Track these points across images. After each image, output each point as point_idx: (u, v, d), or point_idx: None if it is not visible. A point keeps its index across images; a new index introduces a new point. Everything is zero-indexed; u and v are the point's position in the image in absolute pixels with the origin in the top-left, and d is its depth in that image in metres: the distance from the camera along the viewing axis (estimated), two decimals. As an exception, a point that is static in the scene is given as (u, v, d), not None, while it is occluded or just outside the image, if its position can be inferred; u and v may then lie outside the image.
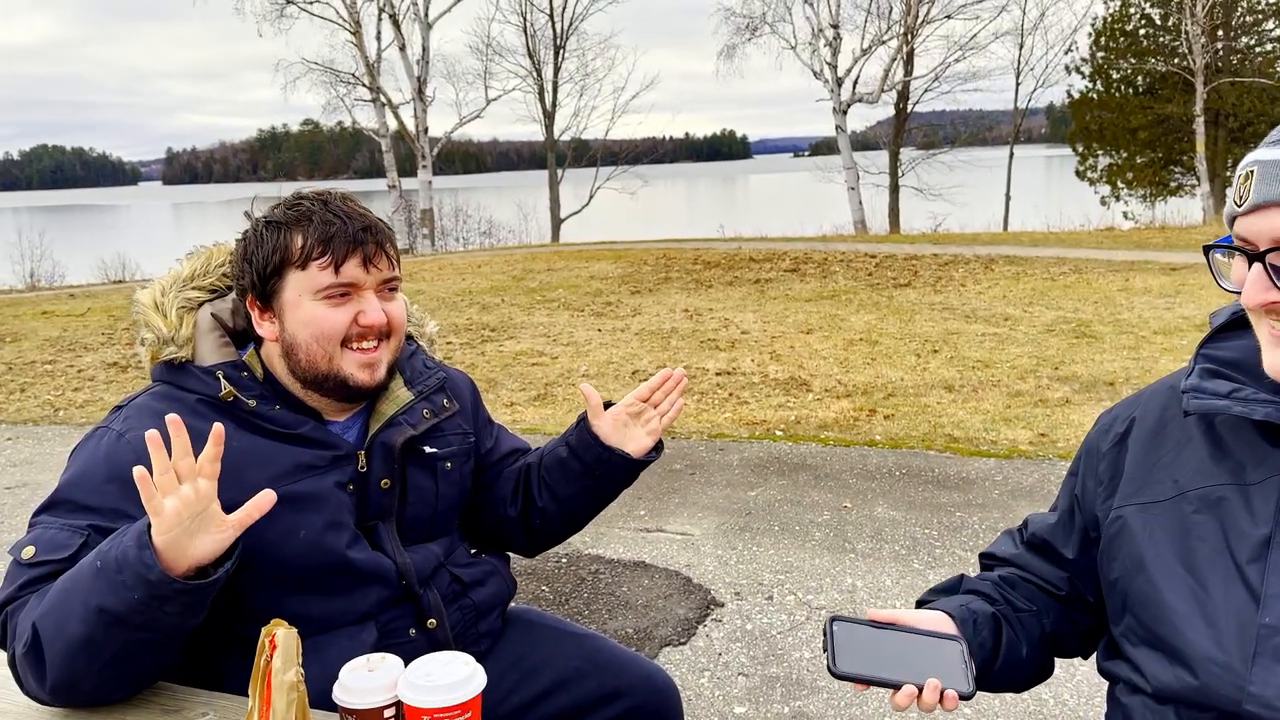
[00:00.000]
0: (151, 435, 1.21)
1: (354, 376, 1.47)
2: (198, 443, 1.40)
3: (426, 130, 24.27)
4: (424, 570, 1.55)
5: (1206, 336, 1.26)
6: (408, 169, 25.39)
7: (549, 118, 29.11)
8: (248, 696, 1.36)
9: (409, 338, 1.68)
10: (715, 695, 2.97)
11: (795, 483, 4.80)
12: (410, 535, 1.56)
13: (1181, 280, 10.59)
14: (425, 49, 23.75)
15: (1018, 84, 29.56)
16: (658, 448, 1.69)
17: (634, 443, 1.66)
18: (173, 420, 1.23)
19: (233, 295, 1.59)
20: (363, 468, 1.51)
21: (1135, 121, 27.61)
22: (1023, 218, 24.38)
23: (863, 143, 29.94)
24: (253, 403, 1.46)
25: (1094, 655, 1.39)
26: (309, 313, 1.45)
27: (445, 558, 1.60)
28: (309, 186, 1.56)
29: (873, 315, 9.49)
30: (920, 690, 1.17)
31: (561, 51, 28.88)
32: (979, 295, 10.44)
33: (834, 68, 23.70)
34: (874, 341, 8.22)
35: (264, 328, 1.50)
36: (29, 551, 1.35)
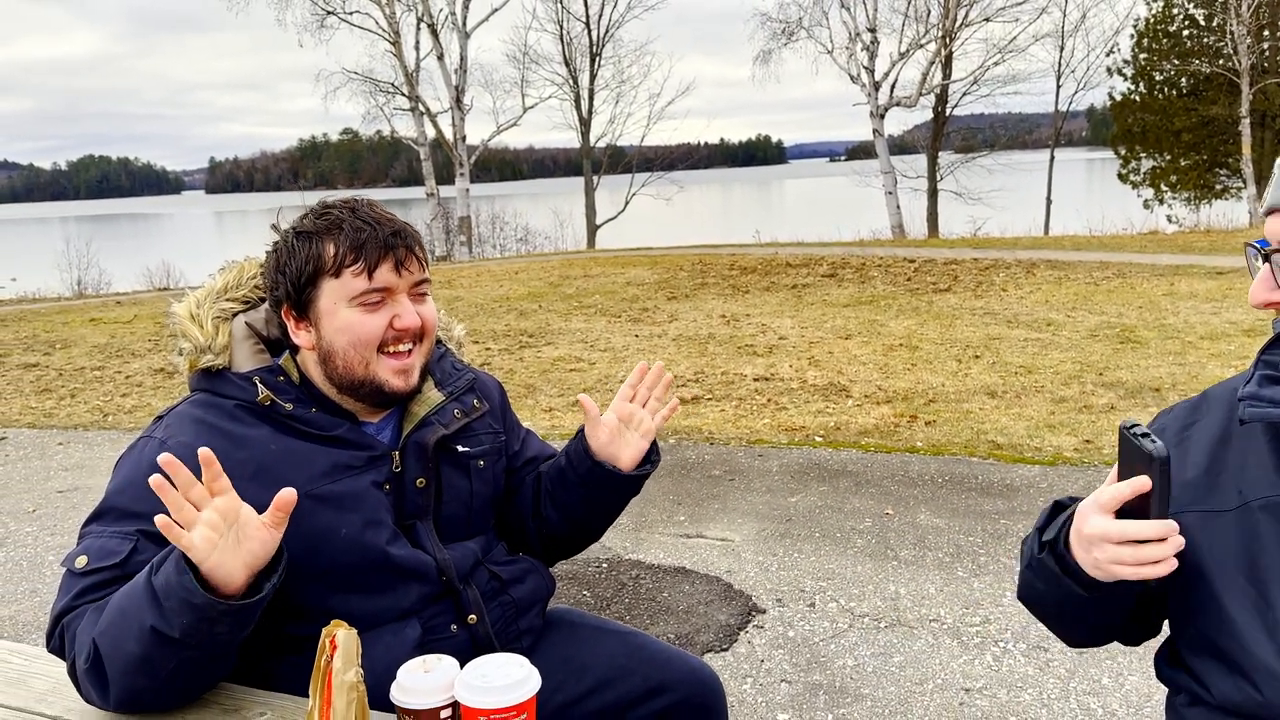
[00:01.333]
0: (165, 465, 1.22)
1: (389, 383, 1.50)
2: (239, 446, 1.44)
3: (464, 138, 24.49)
4: (463, 567, 1.57)
5: (1268, 342, 1.24)
6: (444, 177, 25.64)
7: (585, 125, 29.25)
8: (300, 695, 1.40)
9: (437, 341, 1.71)
10: (758, 702, 2.96)
11: (836, 489, 4.78)
12: (448, 533, 1.58)
13: (1229, 284, 10.39)
14: (463, 58, 23.98)
15: (1058, 86, 29.21)
16: (652, 458, 1.68)
17: (629, 450, 1.65)
18: (204, 455, 1.24)
19: (265, 306, 1.62)
20: (397, 467, 1.53)
21: (1179, 124, 27.18)
22: (1064, 222, 24.09)
23: (900, 146, 29.76)
24: (289, 406, 1.49)
25: (1149, 665, 1.37)
26: (345, 320, 1.48)
27: (483, 555, 1.62)
28: (334, 195, 1.60)
29: (912, 320, 9.41)
30: None
31: (597, 59, 29.04)
32: (1020, 300, 10.32)
33: (871, 71, 23.60)
34: (914, 347, 8.15)
35: (300, 336, 1.52)
36: (81, 561, 1.38)
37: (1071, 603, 1.23)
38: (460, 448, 1.61)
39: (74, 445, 6.33)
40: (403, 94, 24.40)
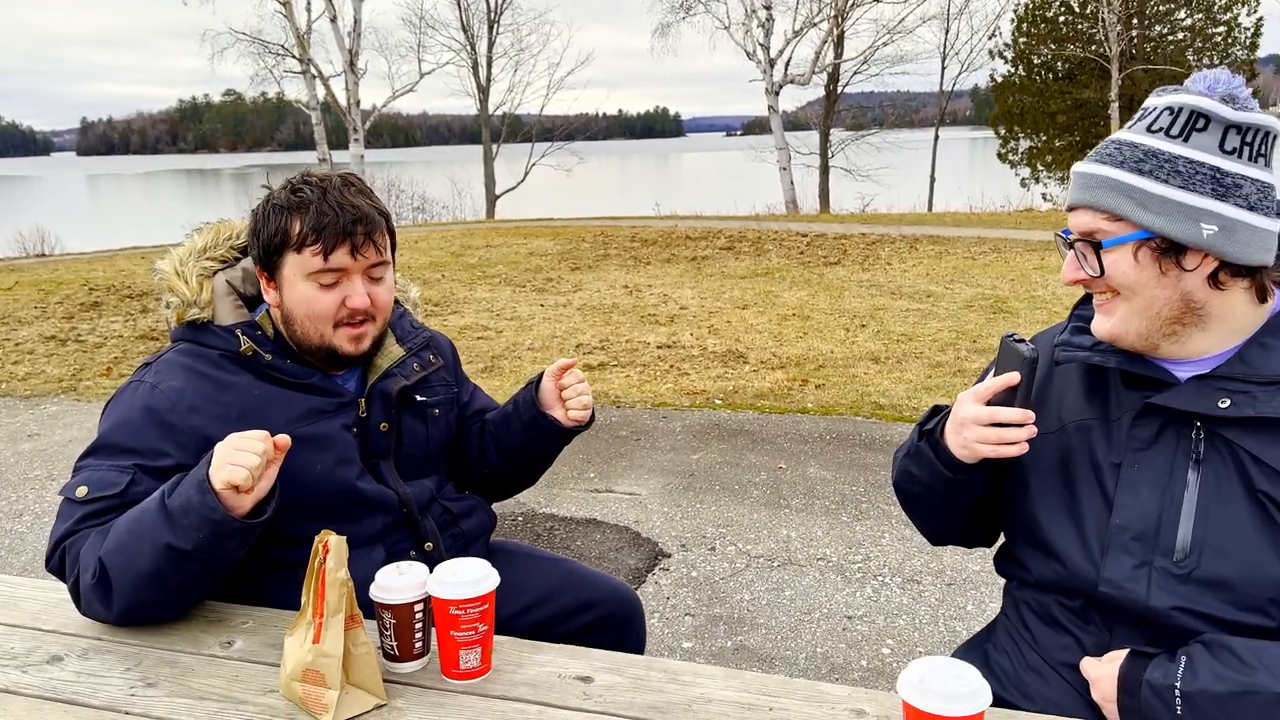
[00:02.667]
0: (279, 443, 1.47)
1: (342, 348, 1.69)
2: (225, 391, 1.64)
3: (358, 103, 23.98)
4: (421, 501, 1.79)
5: (1079, 301, 1.57)
6: (335, 142, 25.07)
7: (483, 93, 28.97)
8: (276, 608, 1.61)
9: (396, 301, 1.91)
10: (665, 634, 3.27)
11: (734, 447, 5.12)
12: (407, 472, 1.80)
13: (1092, 259, 11.17)
14: (357, 21, 23.41)
15: (943, 68, 30.37)
16: (590, 419, 1.92)
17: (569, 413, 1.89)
18: (281, 441, 1.46)
19: (242, 265, 1.81)
20: (364, 413, 1.74)
21: (1054, 106, 28.59)
22: (946, 199, 25.13)
23: (794, 123, 30.42)
24: (269, 356, 1.68)
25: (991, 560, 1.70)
26: (302, 292, 1.65)
27: (437, 492, 1.86)
28: (319, 169, 1.78)
29: (804, 292, 9.87)
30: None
31: (496, 26, 28.75)
32: (904, 273, 10.91)
33: (766, 49, 24.04)
34: (806, 316, 8.59)
35: (270, 295, 1.71)
36: (82, 490, 1.55)
37: (938, 482, 1.51)
38: (419, 397, 1.83)
39: (-33, 414, 6.20)
40: (293, 56, 23.69)
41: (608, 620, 1.93)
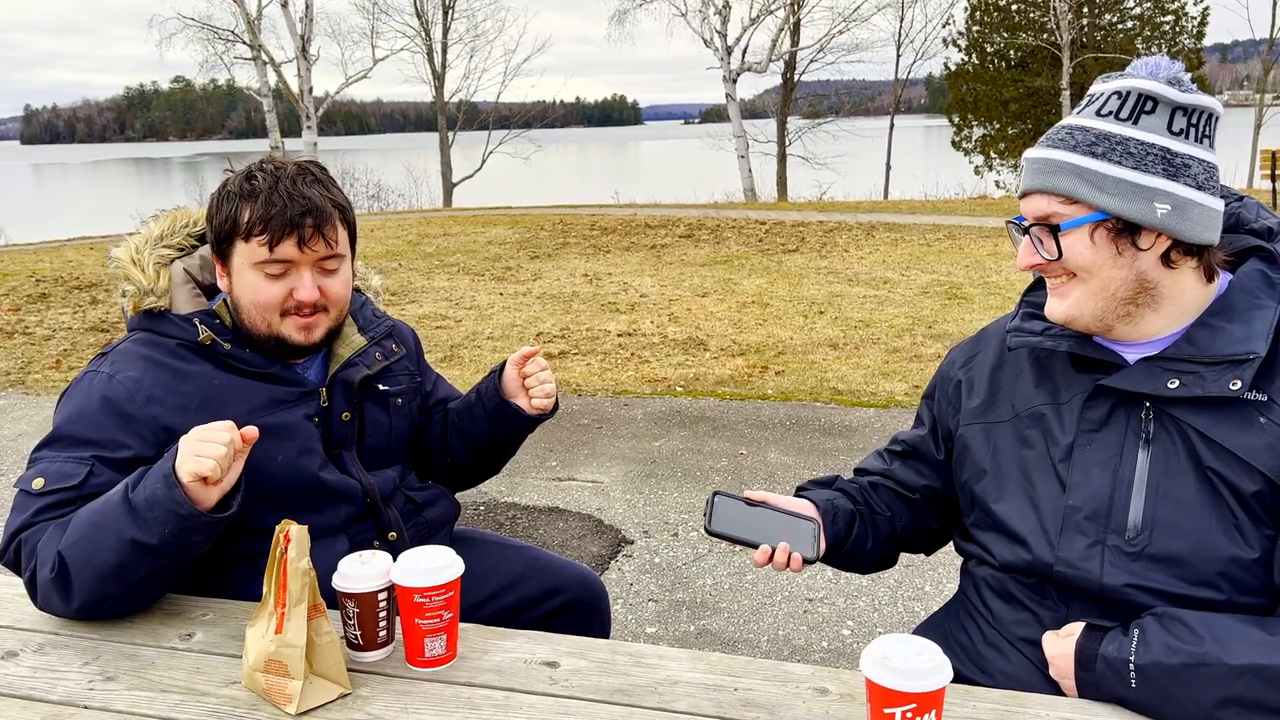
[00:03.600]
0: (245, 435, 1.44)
1: (291, 337, 1.65)
2: (184, 381, 1.61)
3: (311, 90, 23.63)
4: (385, 490, 1.78)
5: (1029, 287, 1.60)
6: (286, 129, 24.69)
7: (439, 79, 28.67)
8: (235, 600, 1.59)
9: (357, 290, 1.89)
10: (629, 619, 3.28)
11: (695, 433, 5.14)
12: (370, 462, 1.79)
13: (1045, 245, 11.37)
14: (309, 6, 23.08)
15: (898, 56, 30.62)
16: (553, 408, 1.91)
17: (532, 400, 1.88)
18: (249, 433, 1.44)
19: (200, 253, 1.78)
20: (325, 403, 1.72)
21: (1007, 94, 28.96)
22: (902, 186, 25.40)
23: (751, 111, 30.54)
24: (228, 345, 1.65)
25: (940, 551, 1.74)
26: (249, 281, 1.63)
27: (400, 481, 1.84)
28: (282, 156, 1.73)
29: (763, 279, 9.93)
30: (774, 551, 1.48)
31: (451, 11, 28.45)
32: (861, 260, 11.01)
33: (724, 36, 24.07)
34: (765, 304, 8.64)
35: (222, 281, 1.69)
36: (39, 483, 1.52)
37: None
38: (381, 386, 1.81)
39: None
40: (244, 42, 23.30)
41: (573, 606, 1.93)
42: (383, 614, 1.42)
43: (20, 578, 1.52)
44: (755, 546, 1.48)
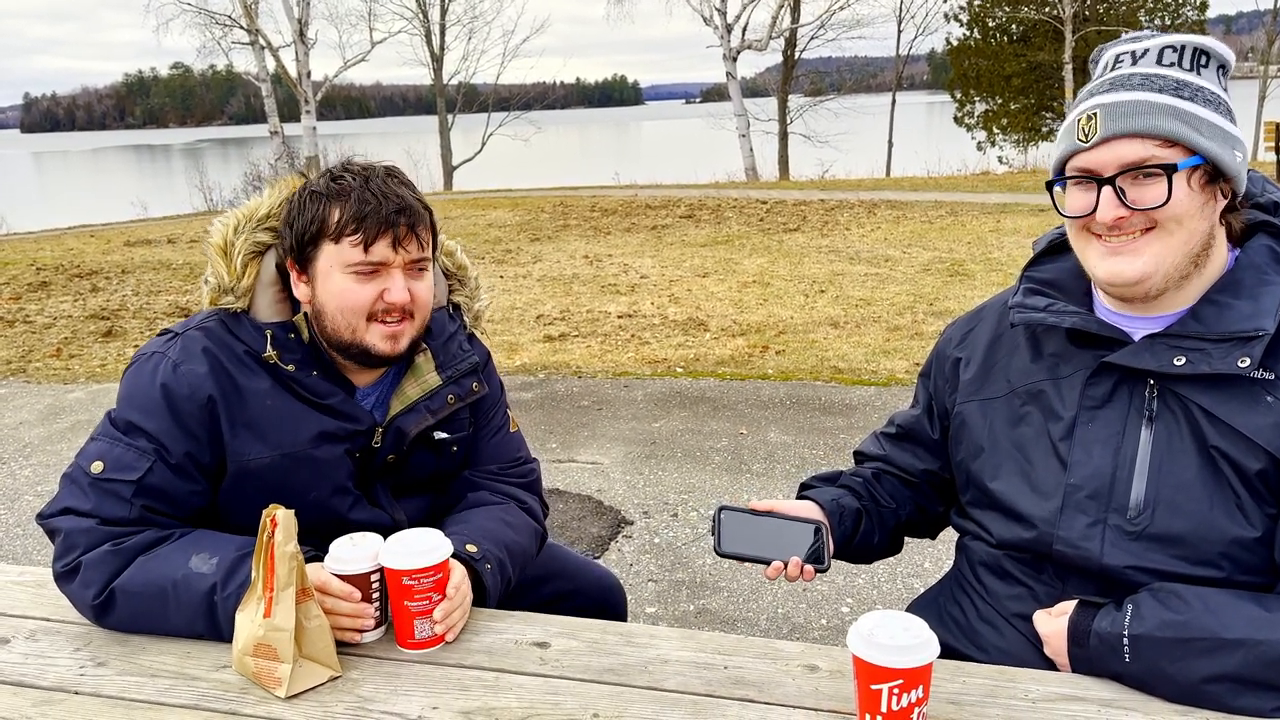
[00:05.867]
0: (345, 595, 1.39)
1: (376, 346, 1.55)
2: (239, 394, 1.53)
3: (309, 74, 23.52)
4: (413, 519, 1.69)
5: (1030, 261, 1.57)
6: (286, 114, 24.60)
7: (437, 61, 28.52)
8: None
9: (457, 309, 1.78)
10: (629, 600, 3.28)
11: (695, 414, 5.14)
12: (402, 492, 1.71)
13: (1049, 220, 11.32)
14: (306, -11, 22.92)
15: (900, 31, 30.37)
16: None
17: None
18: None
19: None
20: (376, 443, 1.61)
21: (1010, 69, 28.78)
22: (904, 164, 25.25)
23: (752, 89, 30.31)
24: (291, 367, 1.56)
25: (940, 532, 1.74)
26: (338, 284, 1.52)
27: (430, 509, 1.75)
28: (360, 157, 1.63)
29: (764, 259, 9.89)
30: (785, 565, 1.45)
31: (448, -7, 28.23)
32: (862, 238, 10.97)
33: (723, 13, 23.89)
34: (766, 283, 8.61)
35: (299, 289, 1.58)
36: (98, 466, 1.46)
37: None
38: (439, 435, 1.68)
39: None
40: (241, 26, 23.17)
41: (589, 609, 1.86)
42: (374, 596, 1.41)
43: (51, 553, 1.48)
44: (767, 563, 1.46)
